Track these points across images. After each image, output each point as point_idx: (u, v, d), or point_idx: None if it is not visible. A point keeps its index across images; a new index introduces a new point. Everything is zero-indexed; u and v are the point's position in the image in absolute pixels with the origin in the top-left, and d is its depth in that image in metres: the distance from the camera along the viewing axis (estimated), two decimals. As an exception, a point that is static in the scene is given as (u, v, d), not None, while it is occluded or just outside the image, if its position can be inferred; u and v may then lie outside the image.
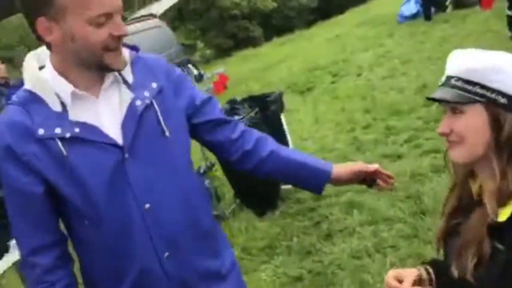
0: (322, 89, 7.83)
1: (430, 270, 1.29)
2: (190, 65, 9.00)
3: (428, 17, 9.84)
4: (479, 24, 8.43)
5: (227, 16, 22.60)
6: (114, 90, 1.25)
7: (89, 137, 1.20)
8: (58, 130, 1.18)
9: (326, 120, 6.21)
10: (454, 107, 1.13)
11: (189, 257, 1.33)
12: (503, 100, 1.08)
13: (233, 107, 4.21)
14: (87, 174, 1.20)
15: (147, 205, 1.25)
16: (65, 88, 1.20)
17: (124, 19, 1.22)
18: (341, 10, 19.11)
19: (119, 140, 1.22)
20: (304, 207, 4.05)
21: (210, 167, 4.45)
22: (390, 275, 1.27)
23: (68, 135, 1.18)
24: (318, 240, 3.51)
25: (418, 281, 1.27)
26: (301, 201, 4.16)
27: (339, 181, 1.46)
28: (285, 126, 4.92)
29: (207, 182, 4.22)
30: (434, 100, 1.16)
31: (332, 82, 7.99)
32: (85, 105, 1.22)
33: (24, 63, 1.25)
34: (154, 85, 1.29)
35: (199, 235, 1.35)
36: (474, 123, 1.11)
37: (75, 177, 1.20)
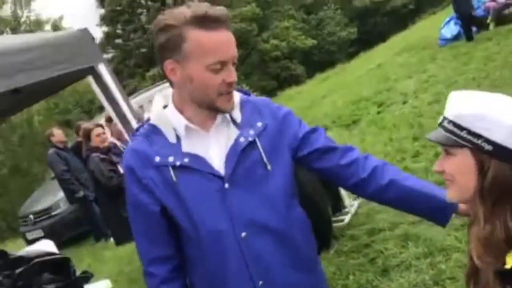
0: (368, 120, 7.79)
1: None
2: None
3: (470, 38, 9.67)
4: (524, 38, 8.22)
5: (268, 59, 23.08)
6: (223, 127, 1.40)
7: (195, 167, 1.34)
8: (171, 159, 1.35)
9: (374, 152, 6.15)
10: (446, 148, 1.17)
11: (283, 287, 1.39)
12: (488, 147, 1.09)
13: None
14: (192, 199, 1.34)
15: (243, 234, 1.35)
16: (181, 122, 1.37)
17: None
18: (381, 38, 19.13)
19: (222, 171, 1.35)
20: (358, 244, 4.00)
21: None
22: None
23: (178, 163, 1.34)
24: (375, 276, 3.45)
25: None
26: (354, 238, 4.12)
27: (465, 212, 1.40)
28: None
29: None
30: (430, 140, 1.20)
31: (378, 113, 7.94)
32: (196, 139, 1.38)
33: (153, 101, 1.45)
34: (259, 124, 1.41)
35: (295, 267, 1.41)
36: (462, 166, 1.14)
37: (182, 201, 1.34)
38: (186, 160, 1.34)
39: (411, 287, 3.10)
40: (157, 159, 1.35)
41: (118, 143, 4.52)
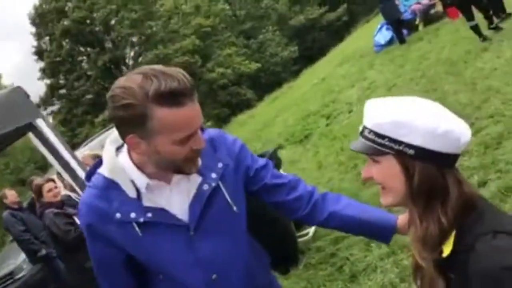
0: (319, 133, 7.98)
1: None
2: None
3: (402, 41, 10.13)
4: (451, 34, 8.67)
5: (216, 87, 23.26)
6: (184, 178, 1.36)
7: (159, 220, 1.34)
8: (133, 215, 1.33)
9: (328, 163, 6.30)
10: (372, 157, 1.20)
11: None
12: (410, 152, 1.13)
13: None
14: (159, 252, 1.36)
15: (214, 276, 1.39)
16: (141, 179, 1.33)
17: None
18: (322, 53, 19.68)
19: (185, 219, 1.36)
20: (325, 254, 4.07)
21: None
22: None
23: (141, 219, 1.33)
24: (344, 284, 3.51)
25: None
26: (321, 249, 4.18)
27: (405, 231, 1.45)
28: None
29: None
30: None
31: (327, 125, 8.14)
32: (157, 192, 1.35)
33: (104, 148, 1.38)
34: (220, 165, 1.41)
35: None
36: (389, 172, 1.18)
37: (150, 253, 1.36)
38: (149, 215, 1.33)
39: (379, 288, 3.17)
40: (118, 215, 1.32)
41: (72, 195, 4.44)
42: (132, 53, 26.08)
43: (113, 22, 24.69)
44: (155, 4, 24.82)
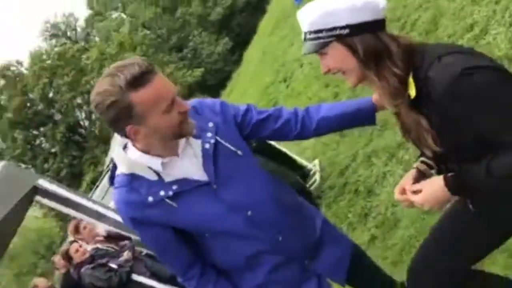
0: (283, 97, 8.25)
1: (426, 160, 1.60)
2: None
3: None
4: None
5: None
6: (187, 145, 1.56)
7: (185, 188, 1.53)
8: (162, 193, 1.51)
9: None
10: (320, 52, 1.44)
11: (295, 232, 1.67)
12: (346, 31, 1.39)
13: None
14: (196, 212, 1.55)
15: (249, 212, 1.58)
16: (154, 161, 1.50)
17: None
18: (253, 31, 19.87)
19: (205, 178, 1.55)
20: (338, 189, 4.37)
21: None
22: (396, 191, 1.57)
23: (170, 193, 1.52)
24: (366, 201, 3.81)
25: (418, 176, 1.57)
26: (332, 186, 4.47)
27: (382, 105, 1.67)
28: (274, 143, 5.31)
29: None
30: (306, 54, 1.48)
31: (287, 86, 8.41)
32: (172, 167, 1.53)
33: (114, 154, 1.57)
34: (210, 124, 1.59)
35: (292, 214, 1.69)
36: (338, 56, 1.43)
37: (189, 218, 1.55)
38: (174, 187, 1.52)
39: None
40: (150, 199, 1.50)
41: (99, 245, 4.62)
42: (83, 114, 25.97)
43: (51, 94, 24.55)
44: (80, 61, 24.72)
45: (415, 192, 1.48)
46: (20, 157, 23.86)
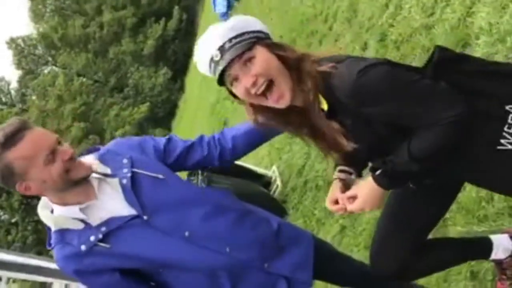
0: (231, 113, 8.29)
1: (344, 168, 1.63)
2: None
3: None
4: None
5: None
6: (104, 185, 1.57)
7: (114, 227, 1.53)
8: (92, 238, 1.51)
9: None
10: (245, 58, 1.36)
11: (244, 239, 1.65)
12: (262, 35, 1.39)
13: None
14: (133, 246, 1.54)
15: (187, 233, 1.57)
16: (73, 210, 1.52)
17: None
18: (188, 56, 19.89)
19: (133, 212, 1.54)
20: (300, 189, 4.40)
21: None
22: (328, 204, 1.58)
23: (100, 236, 1.52)
24: (326, 191, 3.85)
25: (343, 186, 1.59)
26: (294, 188, 4.51)
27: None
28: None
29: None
30: (224, 70, 1.38)
31: (232, 102, 8.45)
32: (95, 209, 1.54)
33: (40, 215, 1.58)
34: (125, 160, 1.60)
35: (236, 221, 1.65)
36: (265, 60, 1.37)
37: (129, 255, 1.54)
38: (103, 229, 1.52)
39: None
40: (83, 247, 1.51)
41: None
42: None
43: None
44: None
45: (350, 200, 1.51)
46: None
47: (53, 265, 2.78)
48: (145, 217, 1.55)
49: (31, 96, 28.83)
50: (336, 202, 1.57)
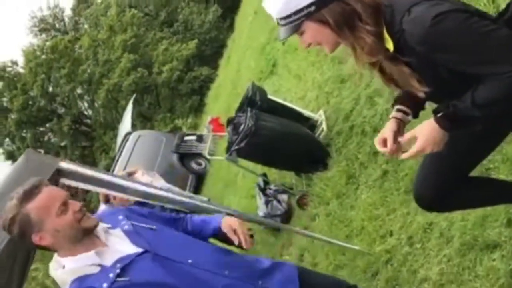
0: (282, 55, 8.29)
1: (401, 107, 1.72)
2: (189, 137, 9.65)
3: None
4: None
5: (174, 84, 23.29)
6: (109, 236, 1.77)
7: (128, 261, 1.70)
8: (111, 275, 1.65)
9: (304, 71, 6.66)
10: (298, 33, 1.57)
11: (239, 263, 1.89)
12: (312, 8, 1.50)
13: (235, 124, 4.69)
14: (150, 275, 1.69)
15: (190, 261, 1.77)
16: (88, 256, 1.68)
17: None
18: (240, -6, 19.59)
19: (140, 249, 1.73)
20: (345, 133, 4.49)
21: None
22: (378, 143, 1.71)
23: (118, 271, 1.67)
24: (372, 140, 3.93)
25: (397, 125, 1.70)
26: (340, 132, 4.60)
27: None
28: (281, 100, 5.42)
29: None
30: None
31: (283, 43, 8.42)
32: (107, 254, 1.71)
33: (54, 275, 1.73)
34: (120, 217, 1.86)
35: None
36: (314, 31, 1.56)
37: (148, 283, 1.67)
38: (118, 265, 1.68)
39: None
40: (105, 285, 1.62)
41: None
42: (85, 103, 26.07)
43: (50, 89, 24.61)
44: (74, 51, 24.64)
45: (408, 143, 1.61)
46: (32, 153, 24.07)
47: (107, 177, 2.96)
48: (152, 251, 1.74)
49: (83, 25, 29.33)
50: (385, 142, 1.68)
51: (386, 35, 1.52)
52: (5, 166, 24.12)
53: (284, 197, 4.90)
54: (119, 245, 1.74)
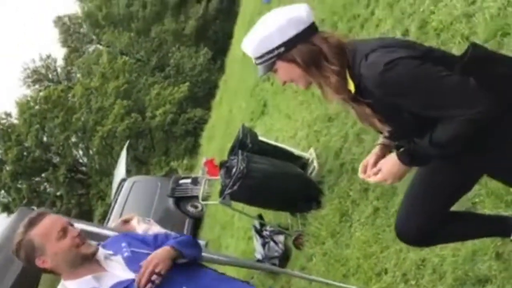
0: (271, 95, 8.45)
1: (382, 140, 1.82)
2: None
3: None
4: None
5: (168, 127, 23.43)
6: (109, 262, 1.85)
7: (124, 285, 1.77)
8: None
9: (293, 110, 6.77)
10: (273, 70, 1.69)
11: None
12: (282, 49, 1.62)
13: (227, 167, 4.74)
14: None
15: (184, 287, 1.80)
16: (86, 280, 1.78)
17: None
18: (228, 37, 20.04)
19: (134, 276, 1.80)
20: (337, 171, 4.54)
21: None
22: (360, 170, 1.82)
23: None
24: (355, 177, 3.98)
25: (381, 151, 1.81)
26: (332, 170, 4.65)
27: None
28: (272, 141, 5.49)
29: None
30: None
31: (272, 84, 8.59)
32: (105, 279, 1.80)
33: None
34: (123, 244, 1.92)
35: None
36: (285, 70, 1.68)
37: None
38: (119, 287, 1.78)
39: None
40: None
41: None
42: (80, 151, 26.14)
43: (45, 139, 24.72)
44: (67, 100, 24.89)
45: (375, 173, 1.74)
46: (27, 206, 24.00)
47: (103, 231, 3.00)
48: None
49: (76, 74, 29.73)
50: (365, 171, 1.80)
51: (348, 77, 1.62)
52: (1, 218, 23.87)
53: (280, 238, 4.90)
54: (118, 270, 1.82)
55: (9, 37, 54.20)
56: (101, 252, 1.87)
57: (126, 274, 1.81)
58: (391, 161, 1.69)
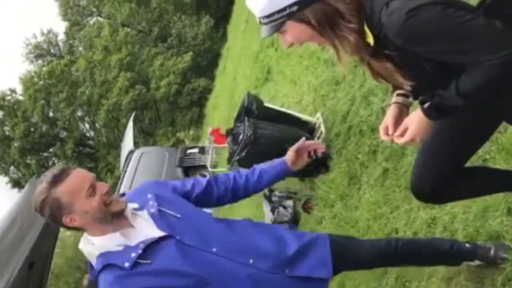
0: (275, 61, 8.35)
1: (401, 91, 1.75)
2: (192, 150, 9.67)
3: None
4: None
5: (172, 98, 23.35)
6: (137, 217, 1.80)
7: (150, 242, 1.73)
8: (133, 255, 1.70)
9: (298, 75, 6.70)
10: (280, 32, 1.57)
11: (264, 251, 1.85)
12: (295, 8, 1.50)
13: (234, 134, 4.73)
14: (172, 263, 1.71)
15: (214, 249, 1.78)
16: (114, 236, 1.74)
17: None
18: (230, 4, 19.72)
19: (164, 233, 1.76)
20: (344, 134, 4.52)
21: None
22: (381, 132, 1.73)
23: (140, 251, 1.70)
24: (371, 139, 3.96)
25: (398, 111, 1.72)
26: (338, 134, 4.63)
27: (295, 165, 2.06)
28: (278, 107, 5.45)
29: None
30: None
31: (276, 49, 8.48)
32: (132, 235, 1.76)
33: (83, 250, 1.78)
34: (149, 195, 1.86)
35: (254, 235, 1.92)
36: (296, 31, 1.56)
37: (168, 271, 1.70)
38: (141, 245, 1.71)
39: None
40: (127, 264, 1.67)
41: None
42: (87, 125, 26.27)
43: (51, 113, 24.79)
44: (71, 74, 24.83)
45: (401, 133, 1.65)
46: (38, 178, 24.16)
47: None
48: (177, 237, 1.76)
49: (78, 48, 29.52)
50: (387, 131, 1.71)
51: (366, 30, 1.54)
52: (13, 193, 24.18)
53: (289, 203, 4.92)
54: (145, 228, 1.77)
55: (9, 13, 53.68)
56: (128, 207, 1.81)
57: (153, 232, 1.75)
58: (418, 117, 1.60)
